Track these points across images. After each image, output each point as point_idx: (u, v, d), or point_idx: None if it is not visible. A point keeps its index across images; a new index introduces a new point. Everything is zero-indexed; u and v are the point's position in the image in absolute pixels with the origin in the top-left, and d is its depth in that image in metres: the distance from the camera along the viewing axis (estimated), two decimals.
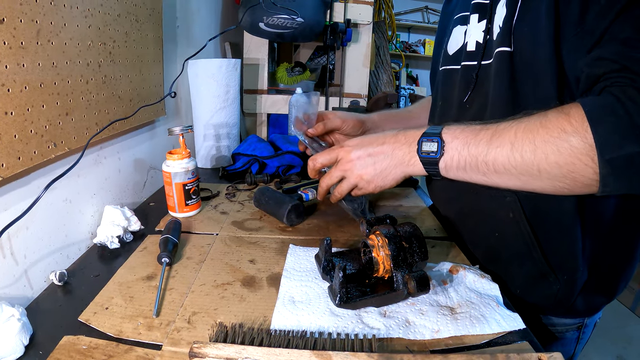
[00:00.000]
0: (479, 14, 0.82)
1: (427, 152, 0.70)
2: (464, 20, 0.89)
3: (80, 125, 0.82)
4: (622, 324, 2.65)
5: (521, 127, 0.60)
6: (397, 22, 2.69)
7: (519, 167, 0.61)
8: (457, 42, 0.91)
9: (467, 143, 0.66)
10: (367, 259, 0.73)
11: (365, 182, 0.79)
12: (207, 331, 0.62)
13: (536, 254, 0.77)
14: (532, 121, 0.60)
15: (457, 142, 0.67)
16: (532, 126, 0.59)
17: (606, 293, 0.82)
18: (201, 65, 1.33)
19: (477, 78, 0.81)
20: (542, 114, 0.60)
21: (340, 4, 1.76)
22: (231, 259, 0.82)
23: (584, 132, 0.54)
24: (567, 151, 0.56)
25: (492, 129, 0.64)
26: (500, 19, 0.73)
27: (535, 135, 0.58)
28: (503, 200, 0.78)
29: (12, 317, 0.58)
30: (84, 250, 0.88)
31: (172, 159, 0.97)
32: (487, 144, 0.63)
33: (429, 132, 0.71)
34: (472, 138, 0.65)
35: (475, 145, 0.65)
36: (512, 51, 0.71)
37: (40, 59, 0.70)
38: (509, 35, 0.71)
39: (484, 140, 0.64)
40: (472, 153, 0.65)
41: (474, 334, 0.62)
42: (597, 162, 0.54)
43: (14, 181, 0.68)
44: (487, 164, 0.64)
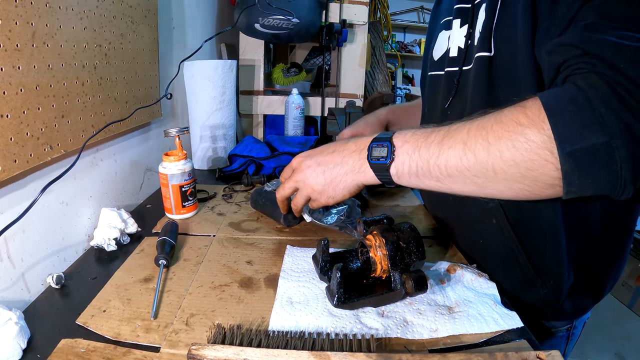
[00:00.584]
0: (461, 19, 0.82)
1: (377, 157, 0.65)
2: (448, 25, 0.89)
3: (76, 127, 0.82)
4: (620, 320, 2.66)
5: (474, 125, 0.56)
6: (393, 22, 2.69)
7: (473, 168, 0.56)
8: (441, 48, 0.91)
9: (417, 146, 0.62)
10: (364, 259, 0.73)
11: (317, 193, 0.75)
12: (205, 333, 0.62)
13: (522, 260, 0.77)
14: (487, 118, 0.56)
15: (407, 146, 0.63)
16: (485, 123, 0.55)
17: (594, 294, 0.82)
18: (197, 67, 1.33)
19: (458, 84, 0.81)
20: (498, 111, 0.55)
21: (335, 5, 1.76)
22: (228, 261, 0.82)
23: (540, 122, 0.49)
24: (524, 146, 0.50)
25: (444, 130, 0.60)
26: (480, 24, 0.73)
27: (489, 131, 0.54)
28: (485, 207, 0.77)
29: (10, 321, 0.58)
30: (81, 253, 0.87)
31: (169, 160, 0.96)
32: (438, 145, 0.59)
33: (379, 137, 0.67)
34: (422, 141, 0.61)
35: (426, 148, 0.60)
36: (492, 55, 0.70)
37: (36, 61, 0.69)
38: (489, 39, 0.70)
39: (435, 142, 0.60)
40: (423, 156, 0.61)
41: (472, 333, 0.62)
42: (558, 156, 0.48)
43: (10, 184, 0.68)
44: (440, 167, 0.59)
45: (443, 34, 0.91)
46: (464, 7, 0.81)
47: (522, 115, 0.51)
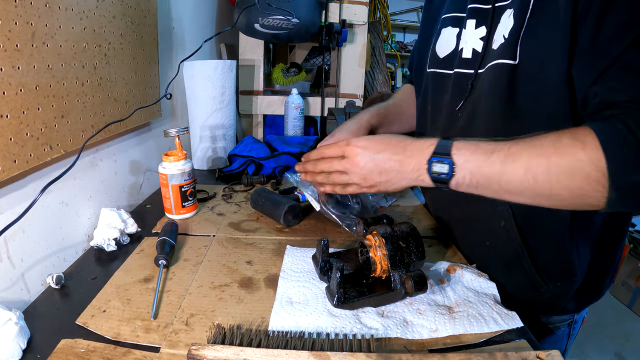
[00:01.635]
0: (477, 20, 0.79)
1: (437, 172, 0.68)
2: (456, 21, 0.86)
3: (76, 127, 0.82)
4: (620, 320, 2.66)
5: (534, 151, 0.61)
6: (393, 22, 2.69)
7: (532, 188, 0.61)
8: (448, 45, 0.88)
9: (479, 166, 0.65)
10: (364, 259, 0.73)
11: (368, 185, 0.77)
12: (205, 333, 0.62)
13: (526, 264, 0.78)
14: (546, 146, 0.60)
15: (469, 165, 0.66)
16: (545, 151, 0.60)
17: (596, 293, 0.85)
18: (197, 67, 1.33)
19: (471, 87, 0.79)
20: (556, 138, 0.59)
21: (335, 5, 1.76)
22: (228, 261, 0.82)
23: (598, 161, 0.55)
24: (580, 177, 0.57)
25: (504, 150, 0.63)
26: (505, 30, 0.71)
27: (549, 160, 0.59)
28: (495, 209, 0.79)
29: (10, 321, 0.58)
30: (81, 253, 0.87)
31: (169, 160, 0.96)
32: (500, 166, 0.63)
33: (439, 152, 0.68)
34: (484, 160, 0.64)
35: (488, 168, 0.64)
36: (515, 64, 0.70)
37: (36, 61, 0.69)
38: (514, 47, 0.69)
39: (497, 163, 0.63)
40: (485, 175, 0.65)
41: (472, 333, 0.62)
42: (607, 188, 0.55)
43: (10, 184, 0.68)
44: (500, 184, 0.64)
45: (449, 31, 0.87)
46: (480, 8, 0.79)
47: (582, 151, 0.56)
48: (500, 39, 0.73)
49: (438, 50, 0.90)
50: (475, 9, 0.80)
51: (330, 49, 1.86)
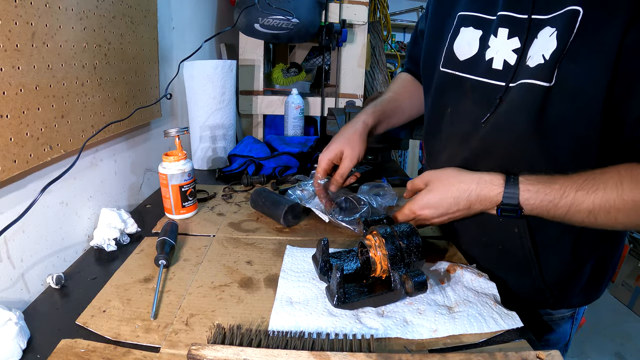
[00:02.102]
0: (510, 29, 0.75)
1: (507, 215, 0.73)
2: (478, 23, 0.82)
3: (76, 127, 0.82)
4: (620, 321, 2.66)
5: (598, 196, 0.65)
6: (393, 22, 2.69)
7: (592, 224, 0.67)
8: (469, 48, 0.83)
9: (546, 211, 0.70)
10: (364, 259, 0.73)
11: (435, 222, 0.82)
12: (205, 333, 0.62)
13: (534, 271, 0.81)
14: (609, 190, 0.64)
15: (536, 210, 0.71)
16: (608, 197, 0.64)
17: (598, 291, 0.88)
18: (197, 67, 1.33)
19: (500, 101, 0.77)
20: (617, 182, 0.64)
21: (335, 5, 1.76)
22: (228, 261, 0.82)
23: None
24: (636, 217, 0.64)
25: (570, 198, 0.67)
26: (546, 50, 0.69)
27: (611, 207, 0.64)
28: None
29: (10, 321, 0.58)
30: (81, 253, 0.87)
31: (169, 160, 0.96)
32: (565, 212, 0.68)
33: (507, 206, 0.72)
34: (551, 207, 0.69)
35: (554, 212, 0.69)
36: (550, 86, 0.69)
37: (36, 61, 0.69)
38: (552, 70, 0.68)
39: (562, 209, 0.68)
40: (551, 215, 0.70)
41: (472, 333, 0.62)
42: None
43: (10, 184, 0.68)
44: (563, 220, 0.69)
45: (470, 33, 0.83)
46: (514, 17, 0.75)
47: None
48: (539, 58, 0.70)
49: (457, 51, 0.86)
50: (508, 17, 0.76)
51: (330, 49, 1.86)
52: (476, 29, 0.82)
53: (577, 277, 0.82)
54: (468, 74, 0.83)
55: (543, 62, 0.69)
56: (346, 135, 0.99)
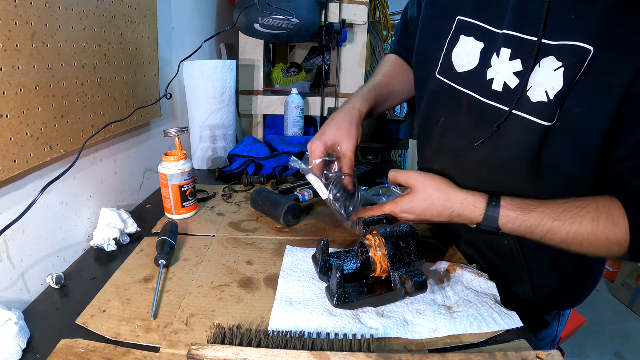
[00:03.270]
0: (512, 50, 0.71)
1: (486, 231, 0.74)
2: (481, 34, 0.77)
3: (76, 127, 0.82)
4: (620, 320, 2.66)
5: (573, 230, 0.67)
6: (393, 22, 2.68)
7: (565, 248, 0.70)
8: (469, 61, 0.78)
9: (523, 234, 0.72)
10: (364, 259, 0.73)
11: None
12: (205, 333, 0.62)
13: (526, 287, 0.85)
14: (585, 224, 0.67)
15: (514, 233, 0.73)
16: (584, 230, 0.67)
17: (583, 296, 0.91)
18: (197, 67, 1.33)
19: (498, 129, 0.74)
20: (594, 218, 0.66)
21: (335, 5, 1.76)
22: (228, 261, 0.82)
23: (624, 242, 0.64)
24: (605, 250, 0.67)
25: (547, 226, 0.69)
26: (551, 88, 0.66)
27: (584, 240, 0.67)
28: None
29: (10, 321, 0.58)
30: (81, 253, 0.87)
31: (169, 160, 0.96)
32: (540, 238, 0.71)
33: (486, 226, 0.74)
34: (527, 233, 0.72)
35: (530, 235, 0.72)
36: (551, 125, 0.67)
37: (36, 61, 0.69)
38: (555, 109, 0.66)
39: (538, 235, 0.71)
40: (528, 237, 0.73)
41: (472, 333, 0.62)
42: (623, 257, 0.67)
43: (10, 184, 0.68)
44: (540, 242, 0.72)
45: (471, 44, 0.78)
46: (520, 39, 0.70)
47: (613, 234, 0.65)
48: (542, 95, 0.67)
49: (455, 61, 0.81)
50: (512, 37, 0.71)
51: (330, 49, 1.86)
52: (478, 41, 0.77)
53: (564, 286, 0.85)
54: (465, 88, 0.79)
55: (547, 100, 0.67)
56: (341, 124, 0.93)
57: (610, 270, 2.96)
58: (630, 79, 0.60)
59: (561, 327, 0.97)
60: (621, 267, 2.88)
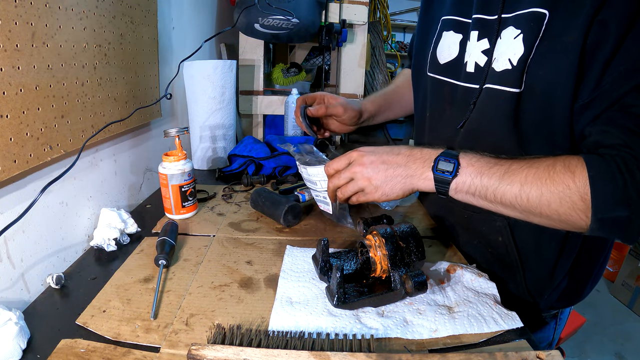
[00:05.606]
0: (479, 32, 0.77)
1: (442, 170, 0.71)
2: (459, 27, 0.83)
3: (76, 127, 0.82)
4: (620, 321, 2.66)
5: (531, 172, 0.64)
6: (393, 22, 2.68)
7: (524, 206, 0.65)
8: (449, 52, 0.85)
9: (480, 172, 0.68)
10: (364, 259, 0.73)
11: (373, 187, 0.76)
12: (205, 333, 0.62)
13: (519, 279, 0.83)
14: (542, 169, 0.63)
15: (471, 169, 0.69)
16: (541, 174, 0.63)
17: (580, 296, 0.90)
18: (197, 67, 1.33)
19: (474, 106, 0.78)
20: (551, 164, 0.63)
21: (335, 5, 1.76)
22: (228, 261, 0.82)
23: (584, 193, 0.60)
24: (567, 204, 0.61)
25: (505, 165, 0.67)
26: (513, 55, 0.70)
27: (543, 184, 0.63)
28: (494, 224, 0.82)
29: (10, 321, 0.58)
30: (81, 253, 0.87)
31: (169, 160, 0.96)
32: (498, 179, 0.66)
33: (447, 153, 0.72)
34: (486, 170, 0.68)
35: (488, 177, 0.67)
36: (520, 92, 0.70)
37: (36, 61, 0.69)
38: (520, 75, 0.69)
39: (496, 175, 0.67)
40: (484, 183, 0.68)
41: (472, 333, 0.62)
42: (590, 218, 0.60)
43: (10, 184, 0.68)
44: (496, 196, 0.67)
45: (451, 36, 0.85)
46: (485, 20, 0.76)
47: (571, 180, 0.61)
48: (505, 63, 0.71)
49: (439, 55, 0.88)
50: (478, 19, 0.77)
51: (330, 49, 1.86)
52: (456, 33, 0.84)
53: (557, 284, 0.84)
54: (447, 77, 0.85)
55: (510, 67, 0.70)
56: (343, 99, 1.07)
57: (610, 270, 2.96)
58: (583, 33, 0.61)
59: (559, 330, 0.96)
60: (621, 267, 2.88)
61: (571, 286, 0.85)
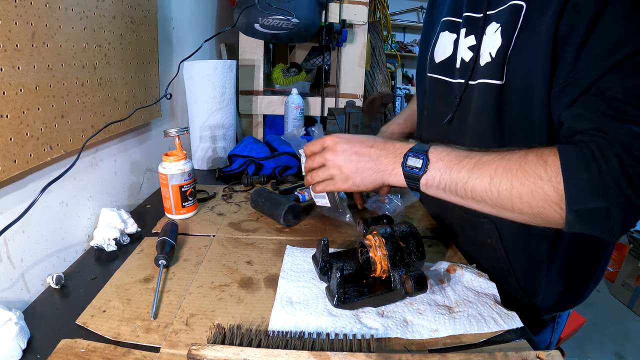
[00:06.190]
0: (467, 29, 0.79)
1: (411, 167, 0.70)
2: (453, 27, 0.85)
3: (76, 127, 0.82)
4: (620, 321, 2.66)
5: (502, 164, 0.62)
6: (393, 22, 2.68)
7: (495, 200, 0.63)
8: (444, 51, 0.87)
9: (449, 167, 0.67)
10: (364, 259, 0.73)
11: (343, 175, 0.77)
12: (205, 333, 0.62)
13: (512, 281, 0.83)
14: (513, 161, 0.61)
15: (440, 164, 0.68)
16: (511, 165, 0.61)
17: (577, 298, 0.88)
18: (197, 67, 1.33)
19: (460, 101, 0.80)
20: (523, 155, 0.61)
21: (335, 5, 1.76)
22: (228, 261, 0.82)
23: (557, 183, 0.56)
24: (540, 196, 0.58)
25: (475, 158, 0.65)
26: (492, 47, 0.71)
27: (513, 175, 0.60)
28: (482, 227, 0.82)
29: (10, 321, 0.58)
30: (81, 253, 0.87)
31: (169, 160, 0.96)
32: (468, 172, 0.65)
33: (416, 149, 0.71)
34: (455, 163, 0.66)
35: (457, 171, 0.66)
36: (502, 84, 0.70)
37: (36, 61, 0.69)
38: (501, 67, 0.69)
39: (466, 168, 0.65)
40: (453, 178, 0.66)
41: (472, 333, 0.62)
42: (565, 210, 0.57)
43: (10, 184, 0.68)
44: (466, 191, 0.65)
45: (446, 36, 0.87)
46: (472, 17, 0.78)
47: (543, 170, 0.58)
48: (487, 56, 0.72)
49: (435, 55, 0.90)
50: (467, 17, 0.79)
51: (330, 49, 1.86)
52: (451, 33, 0.85)
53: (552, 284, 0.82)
54: (441, 75, 0.87)
55: (490, 60, 0.71)
56: None
57: (610, 270, 2.96)
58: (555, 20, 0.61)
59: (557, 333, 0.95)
60: (621, 267, 2.88)
61: (569, 289, 0.84)
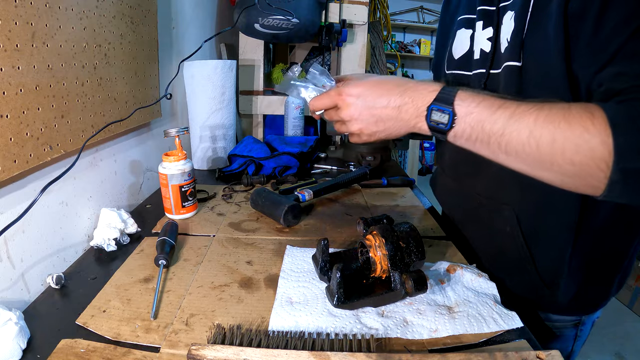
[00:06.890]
0: (484, 21, 0.82)
1: (436, 122, 0.64)
2: (469, 23, 0.88)
3: (76, 127, 0.82)
4: (620, 320, 2.66)
5: (542, 114, 0.56)
6: (393, 22, 2.68)
7: (533, 155, 0.57)
8: (462, 47, 0.90)
9: (481, 120, 0.60)
10: (364, 259, 0.73)
11: (366, 135, 0.74)
12: (205, 333, 0.62)
13: (530, 268, 0.80)
14: (555, 111, 0.55)
15: (470, 118, 0.61)
16: (554, 117, 0.55)
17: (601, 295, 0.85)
18: (197, 67, 1.33)
19: (485, 87, 0.80)
20: (566, 106, 0.55)
21: (335, 5, 1.76)
22: (228, 261, 0.82)
23: (605, 137, 0.51)
24: (585, 151, 0.53)
25: (511, 109, 0.58)
26: (508, 33, 0.73)
27: (556, 127, 0.54)
28: (501, 214, 0.81)
29: (10, 321, 0.58)
30: (81, 253, 0.87)
31: (169, 160, 0.96)
32: (503, 124, 0.58)
33: (441, 98, 0.64)
34: (488, 115, 0.60)
35: (491, 124, 0.59)
36: (521, 65, 0.71)
37: (36, 61, 0.69)
38: (518, 49, 0.71)
39: (500, 120, 0.59)
40: (486, 131, 0.60)
41: (472, 333, 0.62)
42: (611, 168, 0.51)
43: (10, 184, 0.68)
44: (500, 145, 0.59)
45: (463, 33, 0.89)
46: (487, 10, 0.81)
47: (590, 122, 0.52)
48: (505, 42, 0.74)
49: (454, 52, 0.92)
50: (482, 10, 0.82)
51: (330, 49, 1.86)
52: (467, 29, 0.88)
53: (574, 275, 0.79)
54: (459, 70, 0.90)
55: (507, 44, 0.74)
56: None
57: None
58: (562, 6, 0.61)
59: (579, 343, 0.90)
60: None
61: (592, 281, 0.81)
